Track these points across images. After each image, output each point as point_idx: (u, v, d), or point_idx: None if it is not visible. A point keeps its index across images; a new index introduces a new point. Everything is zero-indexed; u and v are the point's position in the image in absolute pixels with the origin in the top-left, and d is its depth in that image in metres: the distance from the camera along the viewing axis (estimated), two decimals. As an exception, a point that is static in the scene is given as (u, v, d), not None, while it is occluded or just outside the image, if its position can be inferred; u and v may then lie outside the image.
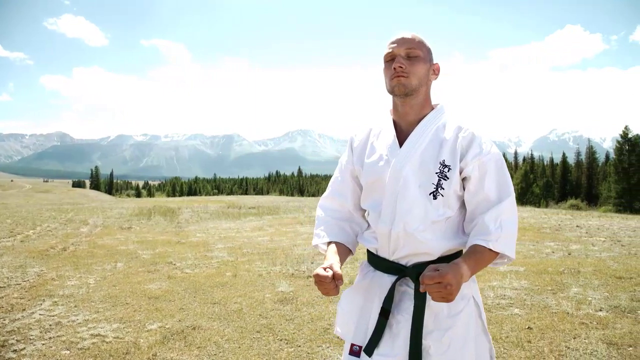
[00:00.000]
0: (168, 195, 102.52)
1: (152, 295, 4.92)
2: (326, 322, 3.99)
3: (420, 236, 1.38)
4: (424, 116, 1.47)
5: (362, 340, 1.44)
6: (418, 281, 1.36)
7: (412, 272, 1.39)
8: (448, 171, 1.38)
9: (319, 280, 1.32)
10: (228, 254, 7.58)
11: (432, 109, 1.49)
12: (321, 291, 1.34)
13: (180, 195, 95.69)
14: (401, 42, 1.43)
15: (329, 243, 1.56)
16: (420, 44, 1.44)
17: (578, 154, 63.97)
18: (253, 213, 18.02)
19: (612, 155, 44.38)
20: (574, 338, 3.53)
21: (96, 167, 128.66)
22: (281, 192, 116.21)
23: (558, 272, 5.66)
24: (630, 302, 4.43)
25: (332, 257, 1.45)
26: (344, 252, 1.53)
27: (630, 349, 3.32)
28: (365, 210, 1.60)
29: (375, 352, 1.39)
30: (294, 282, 5.47)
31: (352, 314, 1.51)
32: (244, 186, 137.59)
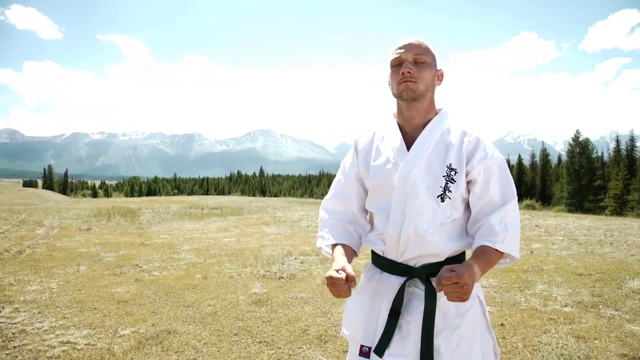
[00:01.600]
0: (126, 196, 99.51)
1: (120, 299, 4.75)
2: (303, 323, 3.97)
3: (430, 238, 1.41)
4: (429, 120, 1.50)
5: (372, 341, 1.45)
6: (428, 282, 1.40)
7: (421, 273, 1.42)
8: (455, 174, 1.42)
9: (332, 282, 1.31)
10: (196, 256, 7.43)
11: (436, 113, 1.52)
12: (333, 293, 1.34)
13: (139, 196, 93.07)
14: (409, 47, 1.45)
15: (334, 245, 1.55)
16: (426, 50, 1.47)
17: (533, 156, 66.51)
18: (216, 213, 17.75)
19: (564, 157, 46.41)
20: (545, 333, 3.67)
21: (49, 166, 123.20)
22: (243, 192, 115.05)
23: (523, 270, 5.86)
24: (591, 297, 4.64)
25: (341, 259, 1.45)
26: (350, 254, 1.53)
27: (597, 341, 3.48)
28: (368, 212, 1.62)
29: (386, 352, 1.40)
30: (266, 284, 5.42)
31: (359, 315, 1.52)
32: (205, 186, 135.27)
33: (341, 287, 1.31)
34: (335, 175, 1.71)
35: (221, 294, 4.95)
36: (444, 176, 1.42)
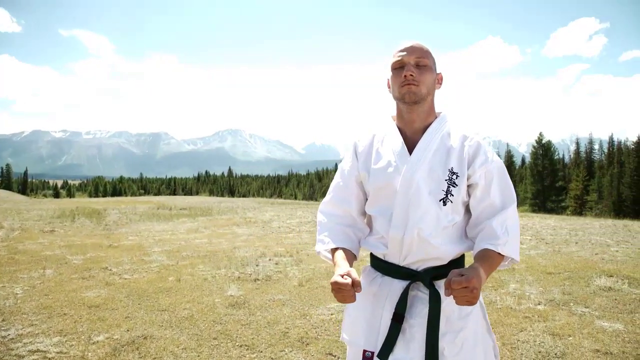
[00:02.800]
0: (90, 196, 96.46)
1: (91, 304, 4.58)
2: (283, 326, 3.93)
3: (433, 241, 1.40)
4: (429, 124, 1.50)
5: (374, 346, 1.43)
6: (431, 285, 1.40)
7: (424, 277, 1.42)
8: (456, 178, 1.42)
9: (338, 288, 1.29)
10: (167, 258, 7.26)
11: (436, 117, 1.52)
12: (338, 299, 1.31)
13: (104, 196, 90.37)
14: (411, 50, 1.45)
15: (335, 249, 1.53)
16: (428, 54, 1.47)
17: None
18: (185, 214, 17.44)
19: (528, 159, 47.79)
20: (521, 331, 3.75)
21: (7, 165, 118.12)
22: (211, 193, 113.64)
23: (496, 270, 5.99)
24: (562, 295, 4.78)
25: (344, 263, 1.43)
26: (350, 258, 1.51)
27: (571, 338, 3.58)
28: (366, 216, 1.60)
29: (390, 356, 1.39)
30: (242, 286, 5.34)
31: (361, 320, 1.49)
32: (172, 186, 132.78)
33: (347, 292, 1.28)
34: (305, 176, 1.68)
35: (196, 297, 4.85)
36: (446, 180, 1.42)
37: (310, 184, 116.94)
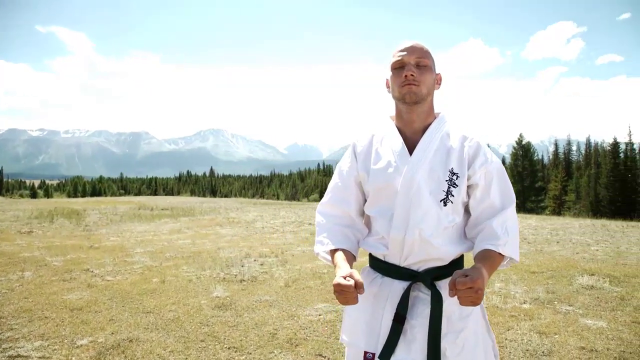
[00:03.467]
0: (69, 196, 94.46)
1: (73, 306, 4.46)
2: (271, 327, 3.89)
3: (434, 242, 1.40)
4: (429, 124, 1.49)
5: (375, 347, 1.42)
6: (433, 286, 1.39)
7: (425, 278, 1.41)
8: (457, 179, 1.42)
9: (341, 289, 1.27)
10: (150, 259, 7.15)
11: (435, 117, 1.52)
12: (341, 301, 1.29)
13: (83, 196, 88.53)
14: (411, 50, 1.44)
15: (335, 251, 1.50)
16: (428, 54, 1.46)
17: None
18: (167, 215, 17.26)
19: (508, 159, 48.50)
20: (508, 330, 3.79)
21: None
22: (193, 193, 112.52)
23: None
24: (546, 294, 4.85)
25: (345, 265, 1.40)
26: (350, 259, 1.49)
27: (557, 336, 3.63)
28: (364, 216, 1.59)
29: (392, 358, 1.37)
30: (228, 287, 5.28)
31: (361, 321, 1.48)
32: (153, 186, 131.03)
33: (350, 294, 1.26)
34: (287, 176, 1.66)
35: (182, 299, 4.77)
36: (446, 180, 1.41)
37: (292, 184, 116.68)
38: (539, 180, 46.15)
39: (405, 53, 1.44)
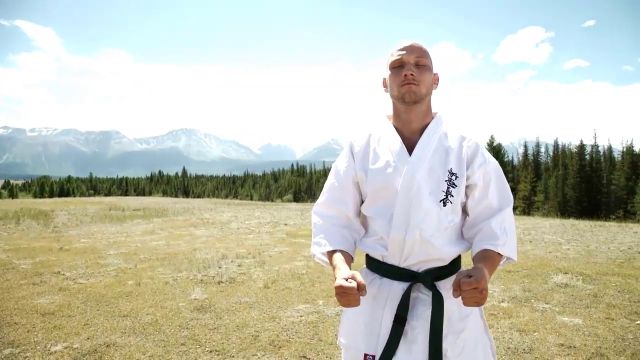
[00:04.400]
0: (35, 196, 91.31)
1: (45, 311, 4.30)
2: (253, 329, 3.83)
3: (435, 242, 1.38)
4: (427, 124, 1.48)
5: (375, 349, 1.39)
6: (433, 287, 1.38)
7: (426, 278, 1.39)
8: (456, 179, 1.41)
9: (343, 292, 1.23)
10: (124, 261, 6.97)
11: (433, 117, 1.50)
12: (342, 303, 1.26)
13: (50, 197, 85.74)
14: (410, 49, 1.42)
15: (332, 252, 1.47)
16: (426, 53, 1.45)
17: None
18: (139, 215, 16.91)
19: (479, 161, 49.40)
20: (489, 328, 3.82)
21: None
22: (165, 193, 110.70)
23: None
24: (523, 292, 4.93)
25: (344, 266, 1.37)
26: (349, 260, 1.46)
27: (536, 334, 3.69)
28: (361, 217, 1.57)
29: (393, 359, 1.35)
30: (206, 289, 5.18)
31: (360, 323, 1.45)
32: (124, 186, 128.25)
33: (353, 296, 1.23)
34: (261, 176, 1.62)
35: (159, 301, 4.66)
36: (445, 181, 1.40)
37: (266, 185, 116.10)
38: (509, 181, 47.25)
39: (404, 52, 1.42)
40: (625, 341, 3.52)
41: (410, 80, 1.39)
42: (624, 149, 42.72)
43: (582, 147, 41.95)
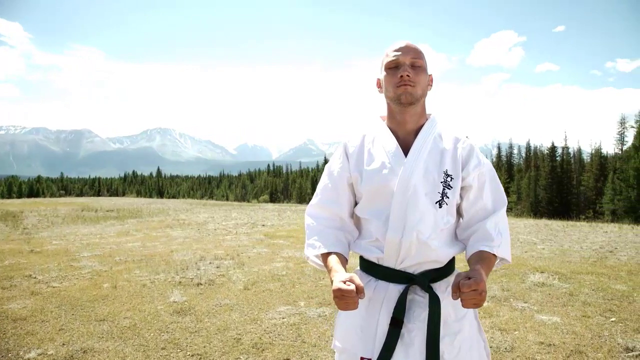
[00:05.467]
0: (3, 197, 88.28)
1: (16, 316, 4.14)
2: (234, 332, 3.77)
3: (432, 244, 1.38)
4: (421, 125, 1.48)
5: (371, 353, 1.38)
6: (430, 289, 1.37)
7: (422, 280, 1.38)
8: (451, 180, 1.41)
9: (342, 295, 1.21)
10: (99, 263, 6.79)
11: (427, 119, 1.50)
12: (341, 307, 1.24)
13: (19, 197, 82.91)
14: (406, 50, 1.42)
15: (327, 254, 1.45)
16: (422, 54, 1.45)
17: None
18: (113, 216, 16.55)
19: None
20: (472, 328, 3.86)
21: None
22: (139, 194, 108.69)
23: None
24: (502, 292, 5.01)
25: (341, 269, 1.36)
26: (343, 262, 1.44)
27: (516, 332, 3.75)
28: (354, 218, 1.55)
29: None
30: (185, 291, 5.09)
31: (355, 326, 1.43)
32: (96, 187, 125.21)
33: (351, 299, 1.21)
34: (237, 177, 1.59)
35: (137, 305, 4.55)
36: (441, 182, 1.40)
37: (242, 185, 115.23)
38: (484, 182, 48.22)
39: (400, 53, 1.42)
40: (601, 338, 3.60)
41: (407, 82, 1.39)
42: (593, 151, 44.03)
43: (553, 149, 43.04)
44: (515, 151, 57.19)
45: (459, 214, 1.49)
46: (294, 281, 5.61)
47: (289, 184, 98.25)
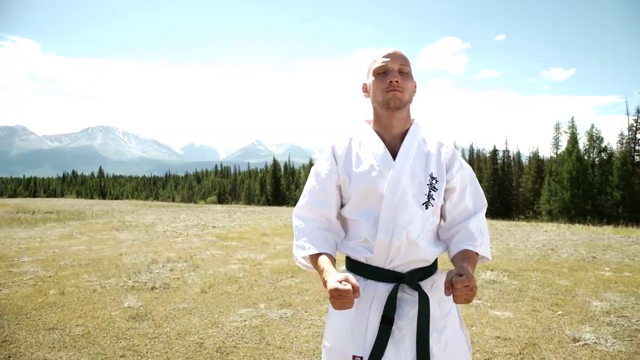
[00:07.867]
0: None
1: (-47, 327, 3.84)
2: (196, 336, 3.67)
3: (420, 244, 1.43)
4: (407, 130, 1.53)
5: (362, 351, 1.40)
6: (418, 287, 1.42)
7: (411, 279, 1.43)
8: (436, 183, 1.47)
9: (339, 294, 1.23)
10: (42, 268, 6.42)
11: (411, 123, 1.56)
12: (337, 306, 1.26)
13: (-58, 199, 77.06)
14: (394, 56, 1.48)
15: (317, 255, 1.46)
16: (408, 62, 1.51)
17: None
18: (53, 219, 15.72)
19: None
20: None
21: None
22: (79, 195, 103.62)
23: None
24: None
25: (333, 269, 1.38)
26: (332, 263, 1.45)
27: (474, 328, 3.92)
28: (340, 220, 1.58)
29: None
30: (139, 296, 4.91)
31: (345, 325, 1.45)
32: (31, 187, 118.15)
33: (348, 299, 1.24)
34: (183, 177, 1.58)
35: (89, 311, 4.33)
36: (427, 184, 1.46)
37: (189, 186, 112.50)
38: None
39: (389, 59, 1.47)
40: (551, 330, 3.81)
41: (395, 87, 1.44)
42: (531, 155, 46.43)
43: (494, 152, 45.03)
44: (460, 154, 59.38)
45: (442, 215, 1.56)
46: (252, 283, 5.54)
47: (237, 185, 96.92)
